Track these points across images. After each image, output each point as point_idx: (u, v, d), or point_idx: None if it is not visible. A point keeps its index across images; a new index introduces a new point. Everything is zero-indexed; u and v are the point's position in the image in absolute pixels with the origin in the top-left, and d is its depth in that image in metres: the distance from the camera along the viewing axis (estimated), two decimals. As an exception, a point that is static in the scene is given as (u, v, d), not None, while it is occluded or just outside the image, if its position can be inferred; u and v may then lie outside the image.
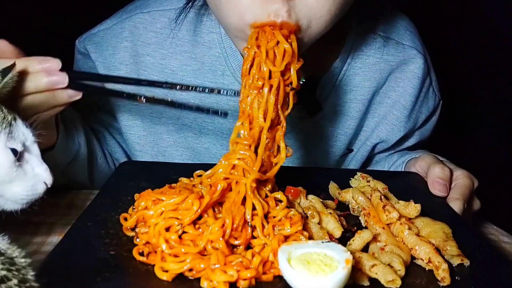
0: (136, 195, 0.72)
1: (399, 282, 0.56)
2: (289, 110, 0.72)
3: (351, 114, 1.06)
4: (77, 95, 0.75)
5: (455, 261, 0.62)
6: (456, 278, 0.59)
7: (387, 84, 1.06)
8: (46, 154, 0.85)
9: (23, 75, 0.70)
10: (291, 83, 0.71)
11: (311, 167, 1.06)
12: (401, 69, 1.05)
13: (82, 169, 0.98)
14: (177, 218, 0.62)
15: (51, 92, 0.73)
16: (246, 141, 0.67)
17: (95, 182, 1.06)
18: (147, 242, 0.61)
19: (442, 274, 0.58)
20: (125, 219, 0.66)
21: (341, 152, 1.12)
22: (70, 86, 0.73)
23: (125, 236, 0.63)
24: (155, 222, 0.61)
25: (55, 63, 0.72)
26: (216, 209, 0.65)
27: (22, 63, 0.70)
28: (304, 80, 0.96)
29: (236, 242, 0.61)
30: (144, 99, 0.74)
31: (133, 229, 0.64)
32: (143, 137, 1.06)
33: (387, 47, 1.03)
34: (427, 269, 0.61)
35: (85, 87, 0.76)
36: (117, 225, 0.65)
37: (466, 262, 0.62)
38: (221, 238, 0.58)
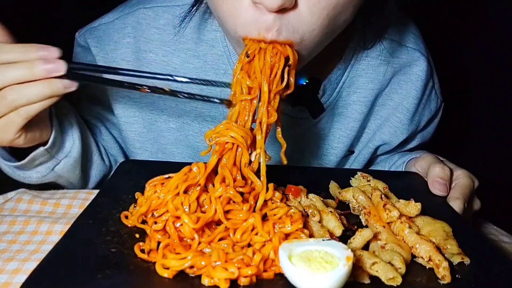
0: (137, 194, 0.72)
1: (399, 280, 0.56)
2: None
3: (353, 116, 1.06)
4: (72, 86, 0.73)
5: (456, 260, 0.62)
6: (457, 276, 0.59)
7: (390, 86, 1.06)
8: (39, 150, 0.85)
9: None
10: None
11: (312, 167, 1.06)
12: (405, 72, 1.05)
13: (75, 166, 0.96)
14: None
15: (47, 81, 0.71)
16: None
17: (89, 178, 1.05)
18: (164, 232, 0.62)
19: (443, 272, 0.59)
20: (126, 217, 0.66)
21: (343, 153, 1.12)
22: (68, 76, 0.71)
23: (126, 234, 0.63)
24: (169, 195, 0.64)
25: (54, 51, 0.70)
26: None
27: (20, 49, 0.69)
28: (307, 81, 0.96)
29: (241, 189, 0.64)
30: (147, 88, 0.73)
31: (142, 222, 0.66)
32: (143, 134, 1.05)
33: (390, 49, 1.03)
34: (427, 268, 0.61)
35: (83, 77, 0.74)
36: (117, 223, 0.66)
37: (467, 261, 0.62)
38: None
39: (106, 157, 1.12)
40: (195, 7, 0.91)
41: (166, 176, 0.70)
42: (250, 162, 0.69)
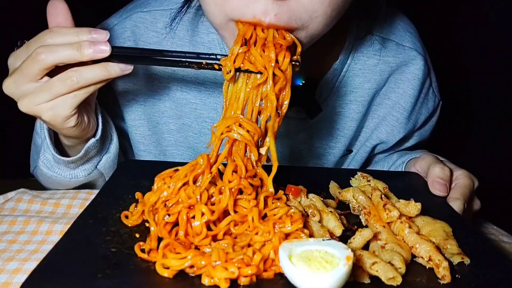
0: (137, 194, 0.72)
1: (399, 279, 0.56)
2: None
3: (350, 115, 1.06)
4: (128, 68, 0.76)
5: (456, 260, 0.62)
6: (457, 276, 0.59)
7: (387, 85, 1.06)
8: (91, 142, 0.88)
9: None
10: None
11: (312, 167, 1.06)
12: (401, 71, 1.05)
13: (114, 162, 0.99)
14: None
15: (105, 64, 0.75)
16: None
17: None
18: (175, 224, 0.63)
19: (443, 272, 0.59)
20: (126, 216, 0.66)
21: (341, 153, 1.12)
22: (113, 58, 0.75)
23: (126, 234, 0.63)
24: (179, 183, 0.65)
25: (103, 33, 0.74)
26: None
27: (73, 31, 0.74)
28: (303, 81, 0.96)
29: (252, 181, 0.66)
30: (195, 66, 0.74)
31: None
32: (147, 137, 1.07)
33: (387, 49, 1.03)
34: (427, 267, 0.61)
35: (129, 58, 0.77)
36: (118, 223, 0.65)
37: (467, 261, 0.62)
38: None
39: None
40: (185, 7, 0.92)
41: (174, 169, 0.71)
42: (259, 154, 0.70)
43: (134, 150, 1.11)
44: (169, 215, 0.63)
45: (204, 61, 0.73)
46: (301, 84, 0.95)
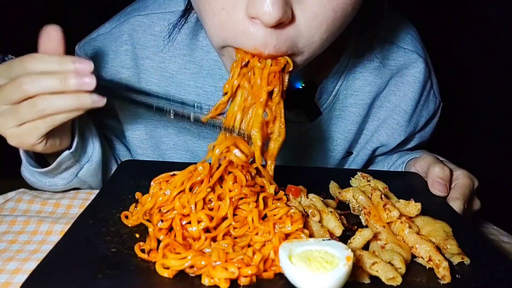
0: (137, 194, 0.72)
1: (399, 279, 0.56)
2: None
3: (351, 118, 1.06)
4: (100, 101, 0.74)
5: (456, 260, 0.62)
6: (457, 276, 0.59)
7: (387, 88, 1.06)
8: (65, 154, 0.87)
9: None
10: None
11: (311, 167, 1.06)
12: (402, 73, 1.05)
13: (97, 170, 0.97)
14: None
15: (76, 94, 0.72)
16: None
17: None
18: (167, 231, 0.63)
19: (443, 272, 0.59)
20: (126, 217, 0.66)
21: (341, 155, 1.12)
22: (97, 91, 0.72)
23: (126, 234, 0.63)
24: (175, 192, 0.65)
25: (88, 65, 0.71)
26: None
27: (56, 60, 0.71)
28: (303, 85, 0.96)
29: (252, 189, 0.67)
30: (172, 114, 0.71)
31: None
32: (144, 141, 1.06)
33: (387, 51, 1.03)
34: (427, 268, 0.61)
35: (112, 94, 0.75)
36: (118, 223, 0.66)
37: (467, 261, 0.62)
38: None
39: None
40: (184, 17, 0.91)
41: (171, 173, 0.71)
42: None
43: (133, 154, 1.10)
44: (162, 221, 0.63)
45: (191, 113, 0.71)
46: (300, 87, 0.95)
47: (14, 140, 0.76)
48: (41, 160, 0.90)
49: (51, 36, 0.73)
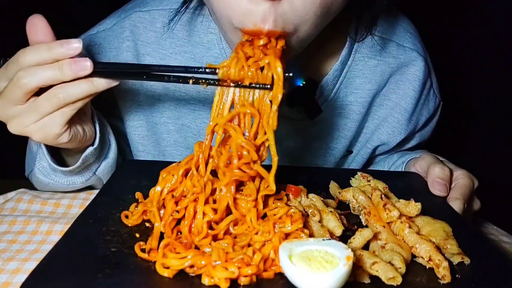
0: (137, 194, 0.72)
1: (399, 279, 0.56)
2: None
3: (351, 116, 1.06)
4: (114, 81, 0.75)
5: (456, 259, 0.62)
6: (457, 276, 0.59)
7: (387, 86, 1.06)
8: (89, 150, 0.88)
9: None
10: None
11: (312, 167, 1.06)
12: (402, 72, 1.05)
13: (112, 167, 0.98)
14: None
15: (91, 79, 0.74)
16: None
17: None
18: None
19: (443, 272, 0.59)
20: (126, 216, 0.66)
21: (341, 153, 1.12)
22: (95, 74, 0.73)
23: (126, 234, 0.63)
24: (180, 170, 0.67)
25: (77, 42, 0.72)
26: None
27: (44, 48, 0.71)
28: (304, 82, 0.96)
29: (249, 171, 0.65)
30: (173, 78, 0.73)
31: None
32: (146, 138, 1.07)
33: (387, 50, 1.03)
34: (427, 267, 0.61)
35: (110, 74, 0.76)
36: (118, 222, 0.66)
37: (467, 261, 0.62)
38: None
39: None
40: (184, 7, 0.91)
41: (177, 162, 0.72)
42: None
43: (133, 151, 1.10)
44: (177, 211, 0.64)
45: (192, 75, 0.71)
46: (301, 84, 0.95)
47: (39, 134, 0.76)
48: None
49: (38, 27, 0.74)
